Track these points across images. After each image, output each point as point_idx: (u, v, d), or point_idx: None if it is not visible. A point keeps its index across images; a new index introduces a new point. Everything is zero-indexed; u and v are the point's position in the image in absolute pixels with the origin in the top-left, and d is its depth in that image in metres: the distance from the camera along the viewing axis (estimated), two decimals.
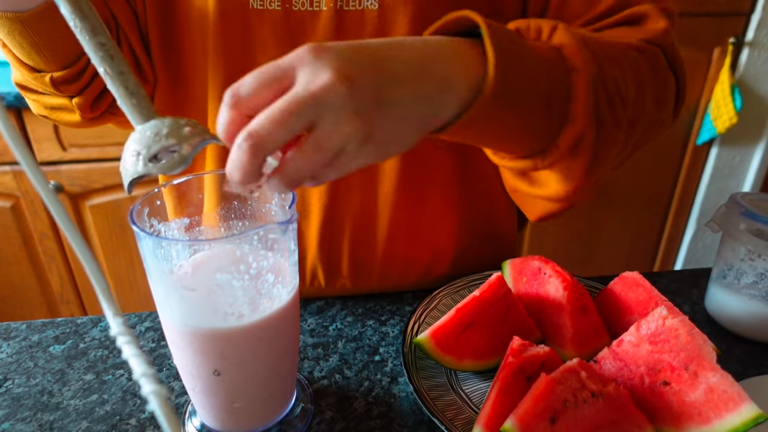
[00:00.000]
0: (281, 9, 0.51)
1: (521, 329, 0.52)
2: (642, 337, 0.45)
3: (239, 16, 0.52)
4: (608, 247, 1.82)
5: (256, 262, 0.37)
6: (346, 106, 0.30)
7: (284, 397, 0.46)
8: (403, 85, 0.32)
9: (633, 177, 1.70)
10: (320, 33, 0.52)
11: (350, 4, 0.51)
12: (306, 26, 0.52)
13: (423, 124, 0.34)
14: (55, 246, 1.49)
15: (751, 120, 1.63)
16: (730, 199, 0.58)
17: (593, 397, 0.40)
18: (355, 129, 0.30)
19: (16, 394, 0.51)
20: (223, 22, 0.52)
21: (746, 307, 0.57)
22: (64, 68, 0.52)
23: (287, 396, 0.46)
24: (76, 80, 0.53)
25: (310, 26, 0.52)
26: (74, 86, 0.53)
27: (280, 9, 0.51)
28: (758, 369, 0.54)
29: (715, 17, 1.51)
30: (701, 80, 1.59)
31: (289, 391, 0.47)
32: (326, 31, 0.52)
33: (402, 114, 0.32)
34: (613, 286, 0.55)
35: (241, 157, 0.30)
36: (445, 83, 0.34)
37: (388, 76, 0.31)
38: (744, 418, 0.38)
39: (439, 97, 0.34)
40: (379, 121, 0.31)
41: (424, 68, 0.33)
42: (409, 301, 0.64)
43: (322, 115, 0.30)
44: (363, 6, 0.51)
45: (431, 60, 0.34)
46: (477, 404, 0.48)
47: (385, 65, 0.32)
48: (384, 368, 0.54)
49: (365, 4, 0.51)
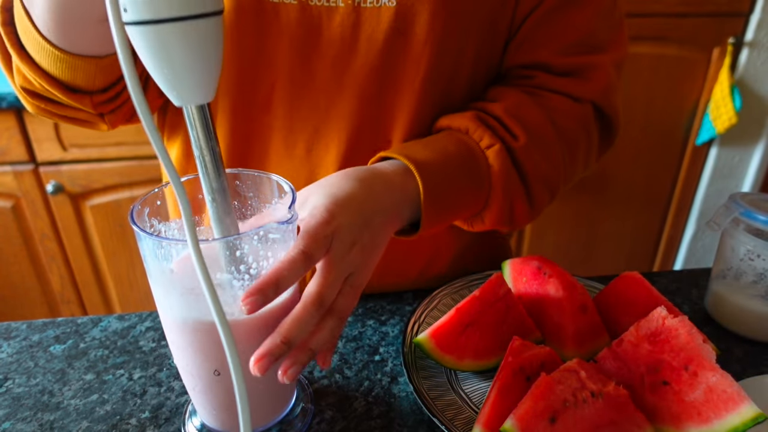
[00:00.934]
0: (297, 3, 0.51)
1: (521, 329, 0.52)
2: (642, 336, 0.45)
3: (255, 8, 0.51)
4: (608, 247, 1.82)
5: (256, 262, 0.37)
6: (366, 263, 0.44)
7: (284, 397, 0.46)
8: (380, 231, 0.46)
9: (633, 177, 1.70)
10: (336, 29, 0.51)
11: (368, 1, 0.51)
12: (322, 22, 0.51)
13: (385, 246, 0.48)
14: (55, 246, 1.49)
15: (751, 120, 1.63)
16: (730, 199, 0.58)
17: (593, 397, 0.40)
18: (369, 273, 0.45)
19: (16, 393, 0.51)
20: (238, 15, 0.51)
21: (746, 307, 0.57)
22: (106, 89, 0.51)
23: (287, 396, 0.47)
24: (115, 99, 0.53)
25: (327, 22, 0.51)
26: (112, 104, 0.53)
27: (296, 3, 0.50)
28: (758, 369, 0.54)
29: (715, 17, 1.51)
30: (701, 80, 1.59)
31: (289, 390, 0.47)
32: (343, 27, 0.51)
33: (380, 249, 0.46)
34: (613, 286, 0.55)
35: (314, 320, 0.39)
36: (398, 217, 0.48)
37: (375, 230, 0.45)
38: (743, 418, 0.38)
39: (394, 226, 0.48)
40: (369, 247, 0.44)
41: (388, 213, 0.47)
42: (409, 301, 0.64)
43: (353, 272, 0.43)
44: (381, 3, 0.51)
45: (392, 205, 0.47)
46: (477, 404, 0.48)
47: (372, 221, 0.45)
48: (384, 368, 0.54)
49: (383, 1, 0.50)
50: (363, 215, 0.43)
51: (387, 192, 0.47)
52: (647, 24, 1.49)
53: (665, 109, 1.61)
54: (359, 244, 0.43)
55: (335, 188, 0.44)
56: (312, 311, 0.38)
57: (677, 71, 1.56)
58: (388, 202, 0.47)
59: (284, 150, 0.58)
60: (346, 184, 0.44)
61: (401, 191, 0.48)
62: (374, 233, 0.44)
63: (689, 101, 1.61)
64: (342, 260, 0.41)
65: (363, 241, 0.43)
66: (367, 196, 0.45)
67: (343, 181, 0.45)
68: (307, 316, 0.38)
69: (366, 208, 0.44)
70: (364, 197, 0.44)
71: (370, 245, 0.44)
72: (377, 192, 0.46)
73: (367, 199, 0.45)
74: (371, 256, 0.44)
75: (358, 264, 0.42)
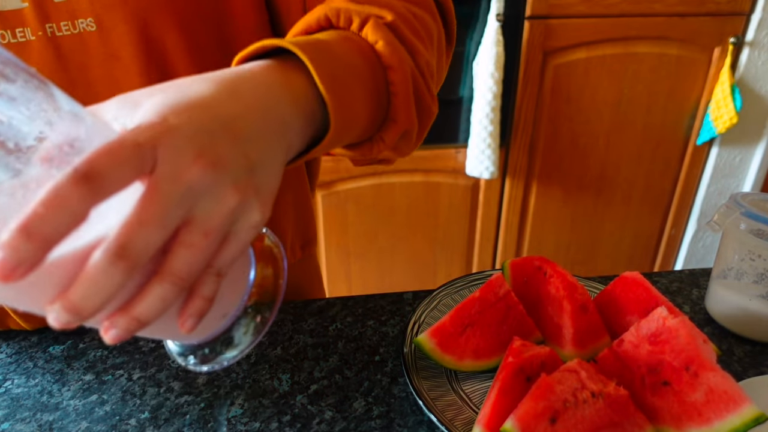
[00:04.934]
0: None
1: (521, 329, 0.52)
2: (642, 337, 0.45)
3: None
4: (608, 247, 1.82)
5: None
6: (223, 184, 0.28)
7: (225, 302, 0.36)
8: (258, 141, 0.31)
9: (633, 177, 1.70)
10: (38, 66, 0.45)
11: (63, 29, 0.45)
12: (26, 59, 0.45)
13: (283, 164, 0.34)
14: None
15: (752, 120, 1.63)
16: (731, 199, 0.58)
17: (593, 398, 0.40)
18: (239, 201, 0.29)
19: (15, 394, 0.51)
20: None
21: (747, 308, 0.57)
22: None
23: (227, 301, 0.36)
24: None
25: (24, 60, 0.46)
26: None
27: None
28: (758, 369, 0.54)
29: (716, 17, 1.51)
30: (701, 80, 1.59)
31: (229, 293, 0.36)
32: (45, 63, 0.46)
33: (268, 166, 0.32)
34: (614, 287, 0.55)
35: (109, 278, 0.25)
36: (286, 126, 0.34)
37: (243, 138, 0.30)
38: (744, 419, 0.38)
39: (286, 139, 0.34)
40: (254, 184, 0.30)
41: (267, 117, 0.33)
42: (409, 301, 0.64)
43: (198, 201, 0.27)
44: (79, 29, 0.45)
45: (268, 108, 0.33)
46: (477, 404, 0.48)
47: (237, 127, 0.30)
48: (384, 368, 0.54)
49: (81, 27, 0.45)
50: (218, 119, 0.30)
51: (260, 90, 0.34)
52: (648, 23, 1.48)
53: (666, 108, 1.61)
54: (210, 156, 0.27)
55: (180, 89, 0.31)
56: (105, 267, 0.24)
57: (678, 71, 1.56)
58: (263, 103, 0.33)
59: None
60: (198, 85, 0.31)
61: (283, 87, 0.35)
62: (241, 142, 0.30)
63: (690, 101, 1.61)
64: (175, 181, 0.26)
65: (218, 153, 0.28)
66: (227, 97, 0.32)
67: (196, 83, 0.32)
68: (98, 275, 0.25)
69: (223, 111, 0.30)
70: (224, 98, 0.31)
71: (236, 159, 0.29)
72: (243, 92, 0.33)
73: (227, 102, 0.31)
74: (242, 176, 0.29)
75: (210, 185, 0.27)
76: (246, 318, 0.37)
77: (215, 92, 0.31)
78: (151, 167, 0.26)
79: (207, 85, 0.31)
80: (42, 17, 0.44)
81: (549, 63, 1.50)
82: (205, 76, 0.33)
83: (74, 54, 0.46)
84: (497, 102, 1.45)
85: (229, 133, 0.29)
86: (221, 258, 0.29)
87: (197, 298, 0.29)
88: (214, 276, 0.29)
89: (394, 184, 1.60)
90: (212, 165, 0.27)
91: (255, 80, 0.34)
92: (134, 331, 0.28)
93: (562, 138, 1.61)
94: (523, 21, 1.44)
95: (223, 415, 0.48)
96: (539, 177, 1.65)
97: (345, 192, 1.60)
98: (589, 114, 1.58)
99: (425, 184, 1.61)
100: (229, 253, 0.30)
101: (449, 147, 1.58)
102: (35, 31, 0.44)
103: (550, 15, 1.45)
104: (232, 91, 0.32)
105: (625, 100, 1.58)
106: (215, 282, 0.30)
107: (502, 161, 1.61)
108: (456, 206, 1.66)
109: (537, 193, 1.67)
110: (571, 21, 1.46)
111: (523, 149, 1.60)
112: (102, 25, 0.45)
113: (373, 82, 0.41)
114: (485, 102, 1.44)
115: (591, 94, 1.55)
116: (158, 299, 0.27)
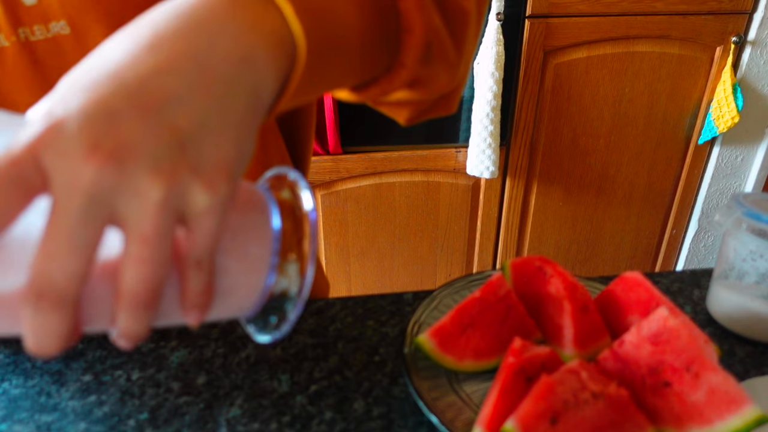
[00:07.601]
0: None
1: (522, 329, 0.52)
2: (643, 337, 0.44)
3: None
4: (609, 247, 1.82)
5: None
6: (134, 175, 0.22)
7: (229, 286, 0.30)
8: (191, 99, 0.24)
9: (634, 176, 1.70)
10: (12, 73, 0.44)
11: (37, 33, 0.43)
12: None
13: (250, 115, 0.26)
14: None
15: (753, 119, 1.63)
16: (732, 199, 0.58)
17: (594, 398, 0.40)
18: (166, 188, 0.22)
19: (13, 395, 0.50)
20: None
21: (748, 308, 0.56)
22: None
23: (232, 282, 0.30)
24: None
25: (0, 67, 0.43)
26: None
27: None
28: (760, 370, 0.54)
29: (718, 16, 1.50)
30: (703, 79, 1.58)
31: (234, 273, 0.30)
32: (20, 69, 0.44)
33: (214, 128, 0.24)
34: (614, 287, 0.55)
35: (45, 323, 0.22)
36: (244, 61, 0.26)
37: (163, 103, 0.23)
38: (746, 420, 0.38)
39: (247, 79, 0.26)
40: (188, 159, 0.23)
41: (207, 60, 0.25)
42: (409, 302, 0.64)
43: (114, 205, 0.22)
44: (52, 32, 0.43)
45: (210, 46, 0.25)
46: (477, 405, 0.47)
47: (150, 91, 0.23)
48: (384, 369, 0.53)
49: (54, 30, 0.43)
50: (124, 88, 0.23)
51: (197, 25, 0.25)
52: (649, 23, 1.48)
53: (667, 108, 1.61)
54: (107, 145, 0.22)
55: (96, 55, 0.25)
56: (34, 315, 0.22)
57: (679, 70, 1.56)
58: (201, 41, 0.25)
59: None
60: (114, 44, 0.25)
61: (234, 9, 0.26)
62: (158, 110, 0.23)
63: (691, 100, 1.61)
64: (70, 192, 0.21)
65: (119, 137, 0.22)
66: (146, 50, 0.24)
67: (114, 41, 0.25)
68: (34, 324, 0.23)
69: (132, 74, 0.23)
70: (140, 53, 0.24)
71: (149, 136, 0.22)
72: (170, 35, 0.25)
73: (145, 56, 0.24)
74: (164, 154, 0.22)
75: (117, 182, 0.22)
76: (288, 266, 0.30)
77: (131, 48, 0.24)
78: (42, 181, 0.21)
79: (123, 41, 0.25)
80: (14, 21, 0.42)
81: (549, 62, 1.50)
82: (130, 26, 0.26)
83: (50, 58, 0.44)
84: (498, 101, 1.45)
85: (137, 105, 0.22)
86: (194, 252, 0.24)
87: (190, 294, 0.26)
88: (194, 270, 0.25)
89: (394, 183, 1.60)
90: (110, 157, 0.21)
91: (192, 14, 0.26)
92: (141, 338, 0.25)
93: (563, 137, 1.60)
94: (524, 20, 1.44)
95: (223, 415, 0.48)
96: (540, 176, 1.65)
97: (345, 192, 1.60)
98: (589, 113, 1.58)
99: (425, 183, 1.61)
100: (198, 246, 0.24)
101: (449, 146, 1.58)
102: (8, 36, 0.43)
103: (550, 14, 1.44)
104: (154, 38, 0.24)
105: (626, 99, 1.57)
106: (200, 273, 0.25)
107: (503, 161, 1.61)
108: (456, 206, 1.66)
109: (537, 193, 1.67)
110: (571, 20, 1.46)
111: (523, 149, 1.60)
112: (76, 28, 0.43)
113: None
114: (485, 101, 1.44)
115: (592, 94, 1.55)
116: (132, 321, 0.24)
